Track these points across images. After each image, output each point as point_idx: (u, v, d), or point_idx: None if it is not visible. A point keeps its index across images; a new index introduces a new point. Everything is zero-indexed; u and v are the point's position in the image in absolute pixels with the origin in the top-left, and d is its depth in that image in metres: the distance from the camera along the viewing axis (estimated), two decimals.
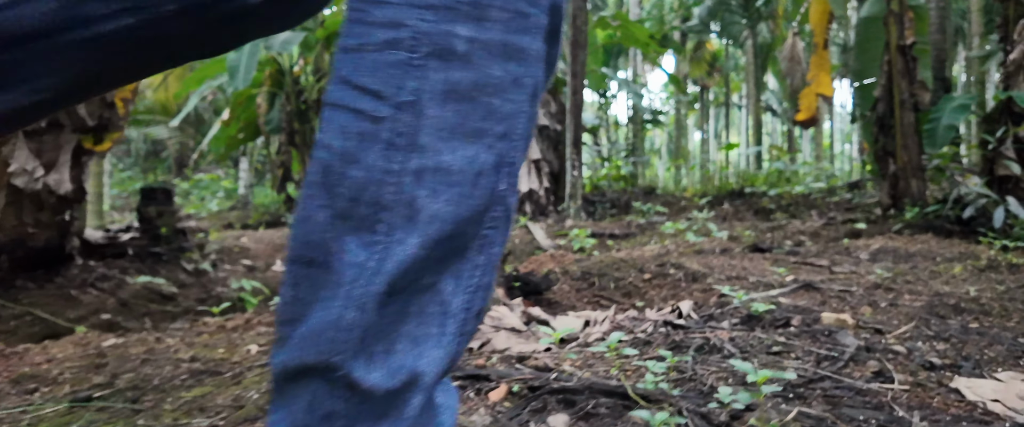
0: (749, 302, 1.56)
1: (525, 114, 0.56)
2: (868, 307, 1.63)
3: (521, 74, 0.54)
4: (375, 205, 0.51)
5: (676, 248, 3.27)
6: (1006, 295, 1.82)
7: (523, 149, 0.57)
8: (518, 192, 0.59)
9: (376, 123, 0.51)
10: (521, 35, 0.54)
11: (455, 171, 0.52)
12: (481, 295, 0.56)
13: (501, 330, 1.84)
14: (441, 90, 0.51)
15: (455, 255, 0.54)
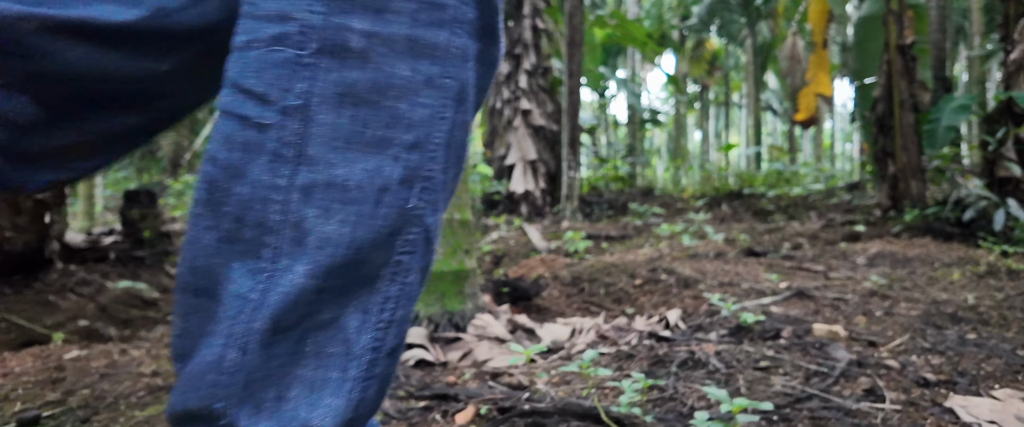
0: (739, 312, 1.50)
1: (446, 120, 0.49)
2: (862, 316, 1.58)
3: (437, 74, 0.48)
4: (260, 227, 0.45)
5: (670, 252, 3.22)
6: (1005, 303, 1.76)
7: (446, 161, 0.50)
8: (439, 210, 0.51)
9: (261, 131, 0.45)
10: (434, 29, 0.47)
11: (352, 187, 0.45)
12: (395, 332, 0.49)
13: (484, 340, 1.79)
14: (334, 93, 0.45)
15: (360, 286, 0.47)
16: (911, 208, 4.85)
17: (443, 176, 0.51)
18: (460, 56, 0.49)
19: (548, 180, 8.00)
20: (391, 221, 0.47)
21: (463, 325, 1.90)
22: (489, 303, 2.29)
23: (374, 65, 0.45)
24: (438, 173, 0.50)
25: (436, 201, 0.50)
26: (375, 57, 0.45)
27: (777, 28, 12.78)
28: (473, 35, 0.50)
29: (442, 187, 0.51)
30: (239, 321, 0.44)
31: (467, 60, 0.50)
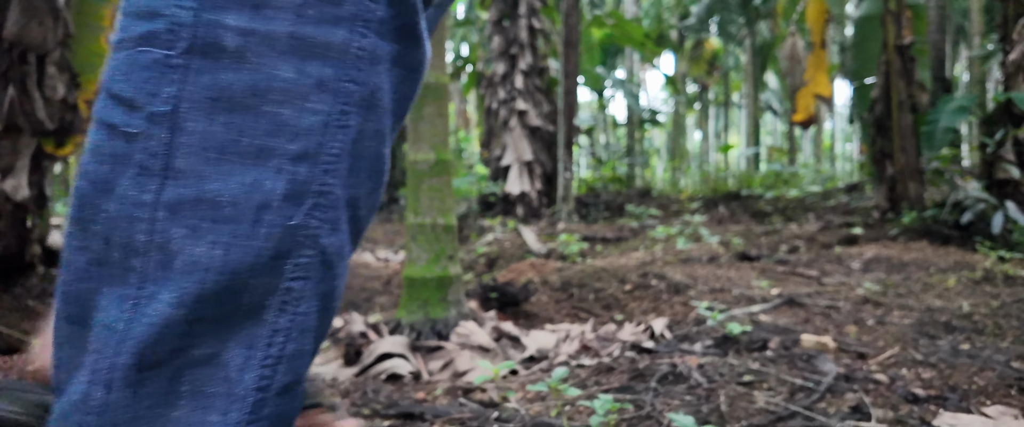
0: (726, 321, 1.46)
1: (347, 129, 0.44)
2: (854, 326, 1.53)
3: (331, 77, 0.43)
4: (126, 248, 0.40)
5: (663, 255, 3.17)
6: (1000, 311, 1.72)
7: (351, 174, 0.45)
8: (341, 230, 0.45)
9: (129, 141, 0.40)
10: (327, 27, 0.42)
11: (226, 203, 0.40)
12: (286, 368, 0.43)
13: (466, 349, 1.75)
14: (206, 97, 0.40)
15: (243, 317, 0.42)
16: (909, 210, 4.81)
17: (346, 191, 0.45)
18: (366, 58, 0.44)
19: (544, 181, 7.96)
20: (274, 242, 0.41)
21: (446, 333, 1.86)
22: (476, 309, 2.25)
23: (252, 66, 0.40)
24: (337, 188, 0.44)
25: (336, 220, 0.44)
26: (253, 57, 0.40)
27: (776, 28, 12.74)
28: (385, 35, 0.45)
29: (346, 204, 0.45)
30: (104, 355, 0.39)
31: (376, 62, 0.45)
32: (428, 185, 1.93)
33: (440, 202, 1.95)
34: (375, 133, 0.47)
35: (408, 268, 1.95)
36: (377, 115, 0.46)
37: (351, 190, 0.46)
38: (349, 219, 0.46)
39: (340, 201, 0.44)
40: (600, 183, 10.05)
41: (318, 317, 0.45)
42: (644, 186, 9.67)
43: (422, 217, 1.93)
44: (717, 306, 1.82)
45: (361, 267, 4.44)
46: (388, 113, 0.48)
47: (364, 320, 1.92)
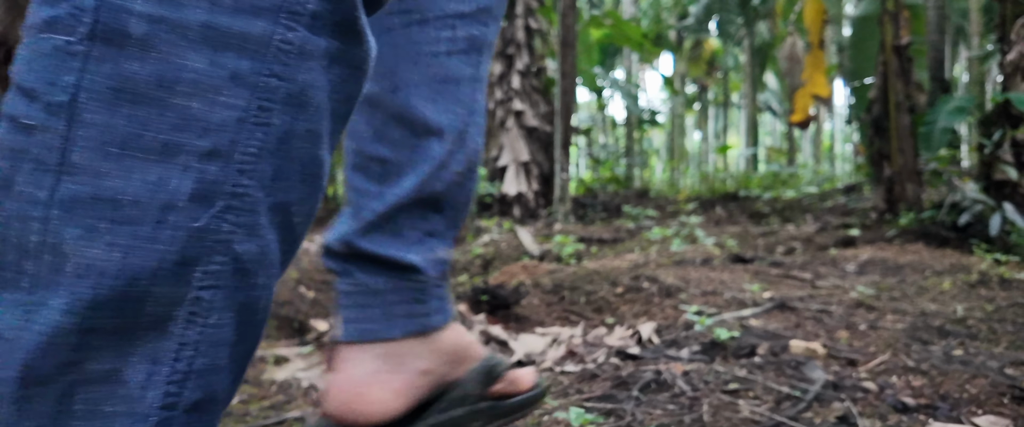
0: (714, 326, 1.43)
1: (269, 127, 0.41)
2: (845, 331, 1.51)
3: (249, 71, 0.40)
4: (19, 250, 0.37)
5: (656, 257, 3.15)
6: (995, 315, 1.69)
7: (277, 177, 0.42)
8: (263, 235, 0.42)
9: (28, 134, 0.37)
10: (246, 18, 0.39)
11: (126, 202, 0.37)
12: (195, 385, 0.40)
13: None
14: (108, 87, 0.37)
15: (146, 328, 0.38)
16: (907, 212, 4.78)
17: (271, 195, 0.42)
18: (293, 53, 0.41)
19: (541, 182, 7.93)
20: (179, 246, 0.38)
21: None
22: (466, 312, 2.22)
23: (159, 55, 0.37)
24: (256, 190, 0.41)
25: (254, 225, 0.41)
26: (161, 46, 0.37)
27: (775, 28, 12.72)
28: (319, 30, 0.42)
29: (272, 209, 0.42)
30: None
31: (307, 58, 0.42)
32: None
33: None
34: (307, 134, 0.44)
35: None
36: (309, 115, 0.43)
37: (278, 195, 0.42)
38: (277, 225, 0.43)
39: (260, 205, 0.41)
40: (598, 184, 10.03)
41: (236, 329, 0.41)
42: (642, 187, 9.65)
43: None
44: (708, 310, 1.80)
45: None
46: (325, 113, 0.45)
47: None
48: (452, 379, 0.70)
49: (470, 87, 0.70)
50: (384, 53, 0.67)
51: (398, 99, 0.67)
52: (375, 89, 0.68)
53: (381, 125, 0.68)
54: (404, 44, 0.67)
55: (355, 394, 0.64)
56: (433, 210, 0.69)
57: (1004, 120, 4.42)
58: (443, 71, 0.68)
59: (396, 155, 0.67)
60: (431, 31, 0.67)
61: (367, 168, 0.68)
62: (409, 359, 0.66)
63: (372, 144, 0.68)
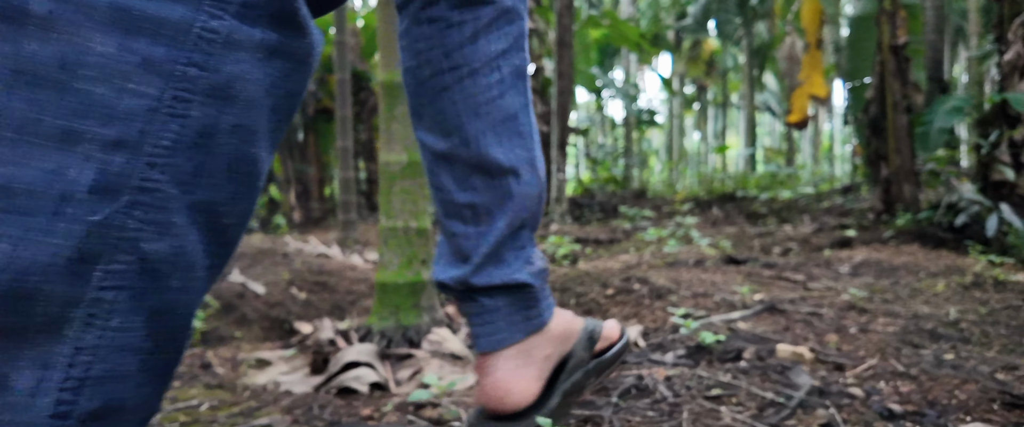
0: (700, 330, 1.40)
1: (186, 119, 0.38)
2: (835, 334, 1.48)
3: (163, 58, 0.37)
4: None
5: (649, 258, 3.12)
6: (988, 318, 1.66)
7: (198, 173, 0.39)
8: (177, 234, 0.39)
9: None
10: (163, 2, 0.37)
11: (19, 191, 0.34)
12: (91, 393, 0.37)
13: (436, 357, 1.69)
14: (5, 68, 0.35)
15: (36, 330, 0.36)
16: (903, 212, 4.75)
17: (191, 193, 0.39)
18: (218, 42, 0.39)
19: None
20: (75, 241, 0.35)
21: (418, 340, 1.80)
22: (455, 314, 2.19)
23: (63, 36, 0.35)
24: (169, 186, 0.38)
25: (167, 223, 0.38)
26: (65, 26, 0.35)
27: (774, 28, 12.69)
28: (251, 20, 0.40)
29: (192, 208, 0.39)
30: None
31: (235, 49, 0.40)
32: (400, 187, 1.88)
33: (413, 205, 1.89)
34: (236, 129, 0.41)
35: (380, 273, 1.90)
36: (238, 109, 0.40)
37: (200, 192, 0.40)
38: (200, 226, 0.40)
39: (176, 202, 0.38)
40: (596, 184, 9.99)
41: (147, 335, 0.38)
42: (640, 187, 9.61)
43: (394, 220, 1.88)
44: (697, 312, 1.77)
45: (348, 270, 4.39)
46: (261, 108, 0.42)
47: (334, 326, 1.86)
48: (567, 352, 0.81)
49: (525, 114, 0.76)
50: (447, 111, 0.73)
51: (471, 151, 0.73)
52: (448, 146, 0.74)
53: (463, 176, 0.74)
54: (462, 100, 0.72)
55: (504, 391, 0.74)
56: (523, 231, 0.77)
57: (1001, 120, 4.39)
58: (502, 112, 0.73)
59: (483, 199, 0.74)
60: (482, 79, 0.72)
61: (460, 214, 0.75)
62: (535, 351, 0.76)
63: (459, 193, 0.75)
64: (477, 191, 0.74)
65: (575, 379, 0.81)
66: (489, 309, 0.75)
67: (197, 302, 0.43)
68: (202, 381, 1.39)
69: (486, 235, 0.75)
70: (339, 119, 5.40)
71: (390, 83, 1.89)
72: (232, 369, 1.71)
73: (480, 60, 0.72)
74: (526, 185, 0.75)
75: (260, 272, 4.40)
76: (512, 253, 0.76)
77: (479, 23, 0.71)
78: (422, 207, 1.91)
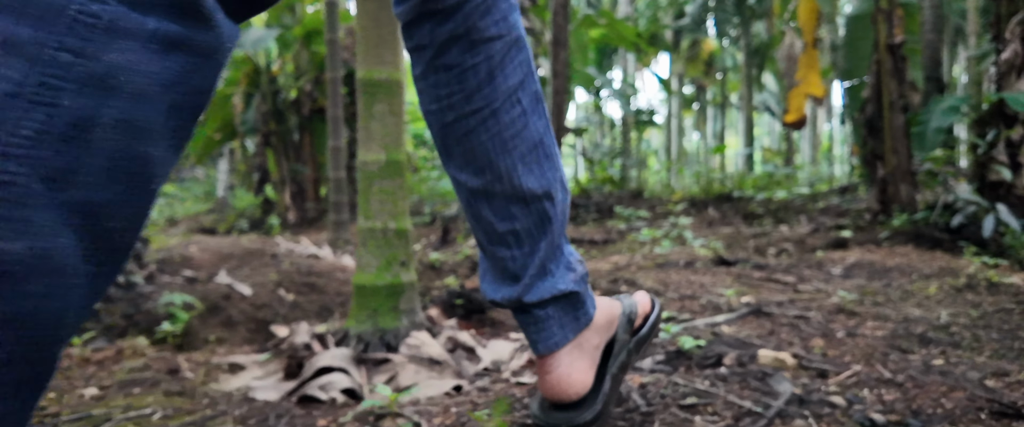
0: (680, 335, 1.35)
1: (49, 108, 0.35)
2: (821, 339, 1.43)
3: (29, 40, 0.34)
4: None
5: (640, 260, 3.07)
6: (980, 321, 1.61)
7: (67, 169, 0.35)
8: (38, 235, 0.35)
9: None
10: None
11: None
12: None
13: (414, 362, 1.64)
14: None
15: None
16: (900, 213, 4.71)
17: (57, 190, 0.35)
18: (98, 28, 0.35)
19: None
20: None
21: (396, 344, 1.76)
22: (437, 317, 2.15)
23: None
24: (32, 181, 0.34)
25: (24, 221, 0.35)
26: None
27: (772, 28, 12.65)
28: (144, 8, 0.37)
29: (61, 206, 0.36)
30: None
31: (119, 37, 0.36)
32: (379, 187, 1.83)
33: (392, 205, 1.84)
34: (120, 124, 0.37)
35: (357, 275, 1.85)
36: (123, 102, 0.36)
37: (76, 192, 0.36)
38: (77, 229, 0.36)
39: (39, 199, 0.34)
40: (593, 184, 9.94)
41: (7, 346, 0.34)
42: (637, 188, 9.56)
43: (372, 221, 1.83)
44: (682, 316, 1.72)
45: (338, 271, 4.35)
46: (154, 104, 0.38)
47: (310, 330, 1.81)
48: (611, 337, 0.87)
49: (548, 135, 0.78)
50: (477, 150, 0.75)
51: (506, 185, 0.76)
52: (482, 182, 0.76)
53: (501, 208, 0.77)
54: (489, 139, 0.74)
55: (566, 384, 0.80)
56: (561, 239, 0.81)
57: (998, 120, 4.34)
58: (529, 142, 0.76)
59: (524, 224, 0.77)
60: (505, 116, 0.74)
61: (504, 241, 0.78)
62: (585, 343, 0.82)
63: (501, 223, 0.78)
64: (517, 219, 0.77)
65: (622, 360, 0.88)
66: (542, 319, 0.79)
67: (74, 312, 0.39)
68: (163, 387, 1.35)
69: (532, 255, 0.78)
70: (330, 119, 5.35)
71: (368, 80, 1.84)
72: (205, 374, 1.66)
73: (500, 98, 0.73)
74: (560, 203, 0.79)
75: (248, 273, 4.35)
76: (554, 263, 0.79)
77: (493, 62, 0.72)
78: (401, 208, 1.87)
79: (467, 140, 0.75)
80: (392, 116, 1.86)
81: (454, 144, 0.76)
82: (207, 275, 3.83)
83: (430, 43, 0.72)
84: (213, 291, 3.48)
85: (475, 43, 0.71)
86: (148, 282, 3.36)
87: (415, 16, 0.72)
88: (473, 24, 0.71)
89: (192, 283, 3.60)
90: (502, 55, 0.73)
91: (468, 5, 0.70)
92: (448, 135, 0.76)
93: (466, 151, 0.75)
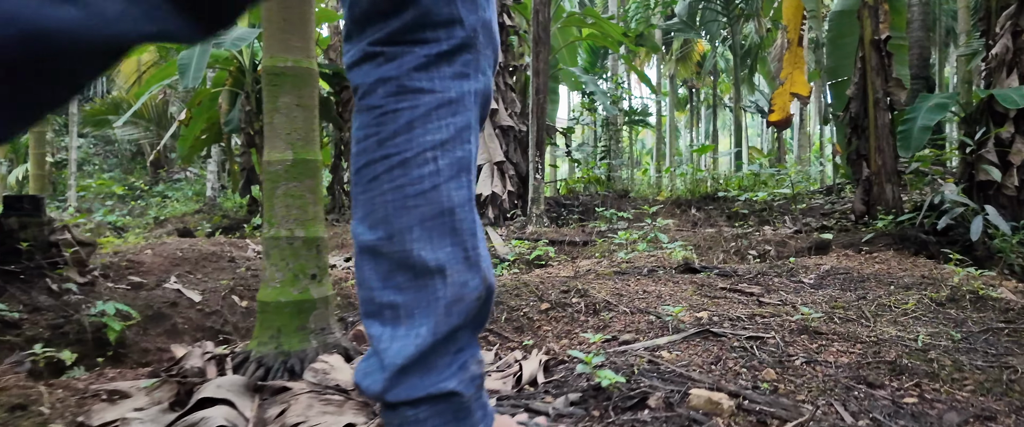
0: (602, 366, 1.14)
1: None
2: (774, 369, 1.22)
3: None
4: None
5: (605, 266, 2.86)
6: (963, 345, 1.41)
7: None
8: None
9: None
10: None
11: None
12: None
13: (310, 394, 1.42)
14: None
15: None
16: (884, 214, 4.51)
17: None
18: None
19: (518, 182, 7.63)
20: None
21: (300, 369, 1.54)
22: (361, 333, 1.93)
23: None
24: None
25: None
26: None
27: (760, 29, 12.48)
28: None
29: None
30: None
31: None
32: (285, 190, 1.61)
33: (300, 211, 1.62)
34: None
35: (261, 290, 1.63)
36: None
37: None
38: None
39: None
40: (581, 184, 9.74)
41: None
42: (623, 188, 9.36)
43: (278, 228, 1.61)
44: (625, 335, 1.52)
45: None
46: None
47: (204, 353, 1.59)
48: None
49: (466, 210, 0.70)
50: (376, 201, 0.69)
51: (395, 246, 0.68)
52: (374, 238, 0.69)
53: (387, 272, 0.69)
54: (391, 190, 0.68)
55: None
56: (460, 333, 0.70)
57: (988, 117, 4.16)
58: (434, 207, 0.68)
59: (405, 299, 0.68)
60: (413, 171, 0.68)
61: (381, 314, 0.69)
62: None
63: (381, 292, 0.69)
64: (400, 290, 0.69)
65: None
66: (411, 421, 0.69)
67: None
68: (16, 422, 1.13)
69: (407, 340, 0.68)
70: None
71: (272, 69, 1.62)
72: (77, 404, 1.44)
73: (413, 150, 0.68)
74: (458, 287, 0.69)
75: (201, 278, 4.12)
76: (445, 359, 0.70)
77: (416, 112, 0.69)
78: (312, 213, 1.65)
79: (370, 189, 0.69)
80: (301, 109, 1.64)
81: (360, 191, 0.70)
82: (156, 280, 3.60)
83: (362, 82, 0.71)
84: (158, 298, 3.25)
85: (404, 90, 0.69)
86: (88, 289, 3.12)
87: (359, 57, 0.71)
88: (406, 72, 0.69)
89: (137, 289, 3.37)
90: (429, 108, 0.69)
91: (407, 56, 0.68)
92: (357, 180, 0.71)
93: (367, 201, 0.69)
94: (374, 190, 0.69)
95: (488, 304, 0.72)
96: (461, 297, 0.68)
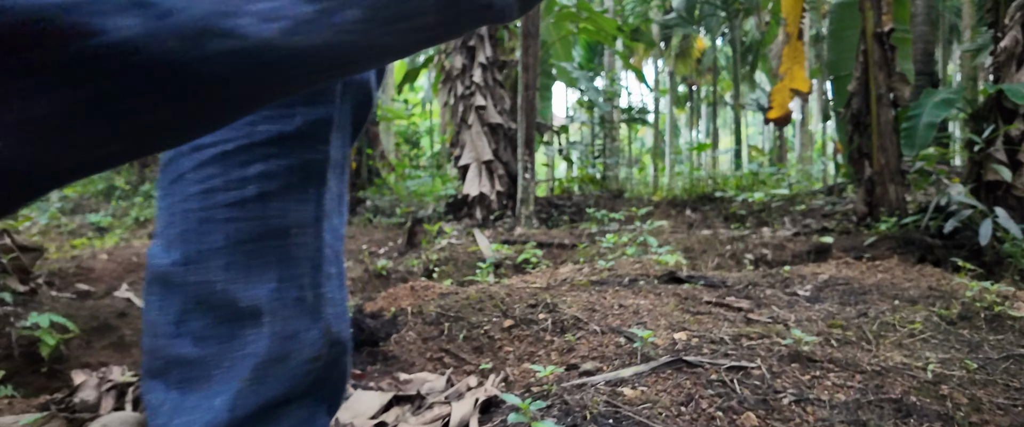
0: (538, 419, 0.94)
1: None
2: (756, 412, 1.01)
3: None
4: None
5: (588, 272, 2.66)
6: (980, 377, 1.20)
7: None
8: None
9: None
10: None
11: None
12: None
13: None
14: None
15: None
16: (888, 216, 4.30)
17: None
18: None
19: (507, 182, 7.42)
20: None
21: None
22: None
23: None
24: None
25: None
26: None
27: (760, 24, 12.26)
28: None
29: None
30: None
31: None
32: None
33: None
34: None
35: None
36: None
37: None
38: None
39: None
40: (575, 184, 9.54)
41: None
42: (618, 188, 9.15)
43: None
44: (586, 364, 1.31)
45: None
46: None
47: (103, 381, 1.39)
48: None
49: (310, 234, 0.50)
50: (176, 210, 0.50)
51: (194, 274, 0.49)
52: (168, 262, 0.50)
53: (180, 312, 0.49)
54: (198, 195, 0.50)
55: None
56: (277, 412, 0.49)
57: (996, 114, 3.94)
58: (254, 225, 0.49)
59: (202, 352, 0.49)
60: (235, 171, 0.49)
61: (166, 374, 0.49)
62: None
63: (169, 340, 0.50)
64: (199, 341, 0.49)
65: None
66: None
67: None
68: None
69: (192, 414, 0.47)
70: None
71: None
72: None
73: (236, 140, 0.51)
74: (280, 341, 0.49)
75: None
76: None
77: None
78: None
79: (172, 191, 0.51)
80: None
81: (161, 195, 0.54)
82: (106, 288, 3.39)
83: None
84: (106, 308, 3.05)
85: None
86: (28, 298, 2.93)
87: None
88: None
89: (83, 298, 3.17)
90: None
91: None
92: (160, 181, 0.55)
93: (168, 207, 0.51)
94: (175, 195, 0.51)
95: (338, 368, 0.52)
96: (285, 355, 0.48)
